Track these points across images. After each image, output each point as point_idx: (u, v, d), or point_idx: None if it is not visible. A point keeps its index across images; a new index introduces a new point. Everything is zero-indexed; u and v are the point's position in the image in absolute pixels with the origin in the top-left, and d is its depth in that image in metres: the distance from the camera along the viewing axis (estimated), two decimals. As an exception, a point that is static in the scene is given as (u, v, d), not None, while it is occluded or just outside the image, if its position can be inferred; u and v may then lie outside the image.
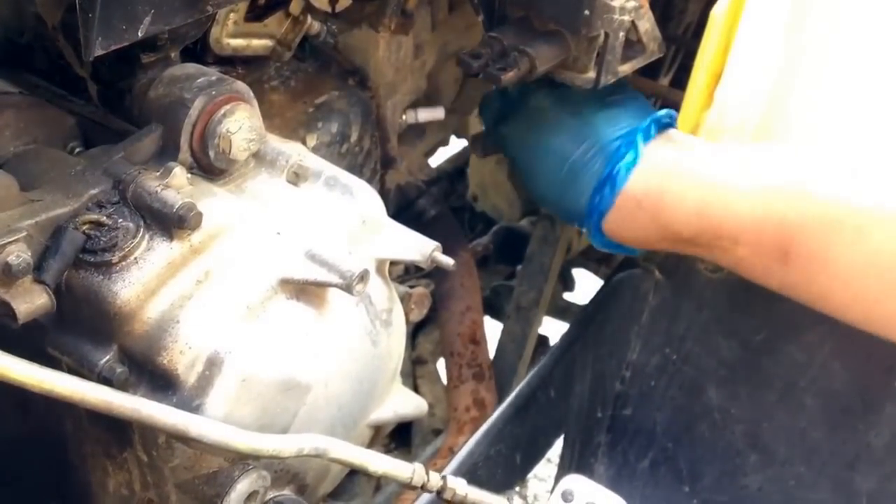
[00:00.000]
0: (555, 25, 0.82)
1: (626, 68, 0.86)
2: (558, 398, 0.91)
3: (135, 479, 0.67)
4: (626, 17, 0.82)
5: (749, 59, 0.87)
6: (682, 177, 0.84)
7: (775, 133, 0.87)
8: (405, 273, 1.16)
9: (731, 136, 0.88)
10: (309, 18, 0.82)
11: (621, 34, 0.83)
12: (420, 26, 0.95)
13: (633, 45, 0.87)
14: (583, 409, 0.96)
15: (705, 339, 0.91)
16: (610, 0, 0.80)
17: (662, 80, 1.39)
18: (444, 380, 1.27)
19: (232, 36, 0.78)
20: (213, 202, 0.64)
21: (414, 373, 1.37)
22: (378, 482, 1.21)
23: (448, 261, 0.73)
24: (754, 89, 0.88)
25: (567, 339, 0.89)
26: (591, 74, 0.85)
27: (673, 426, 0.96)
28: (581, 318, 0.91)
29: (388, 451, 1.28)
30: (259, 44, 0.81)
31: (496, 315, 1.42)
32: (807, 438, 0.87)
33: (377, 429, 0.83)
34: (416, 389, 1.33)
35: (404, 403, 0.83)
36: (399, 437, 1.31)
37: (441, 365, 1.35)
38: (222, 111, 0.67)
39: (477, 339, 1.08)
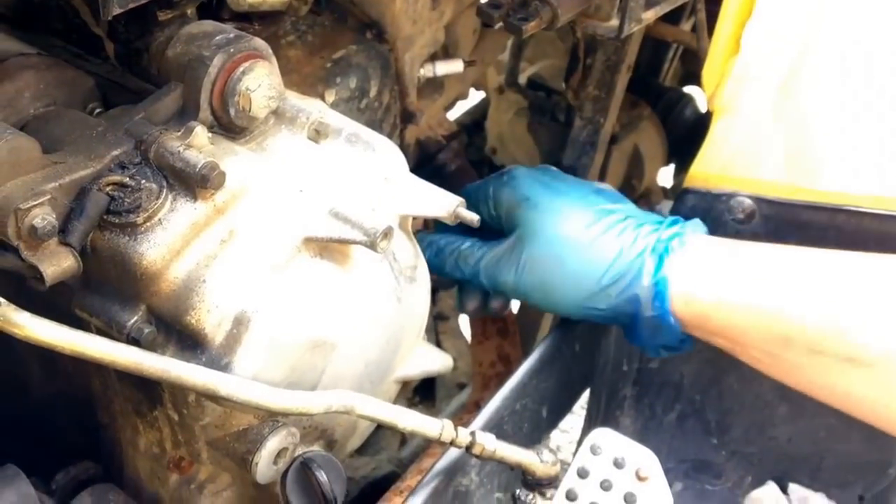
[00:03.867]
0: (579, -29, 0.80)
1: (649, 15, 0.84)
2: (584, 352, 0.91)
3: (166, 438, 0.68)
4: (649, -37, 0.80)
5: (778, 5, 0.85)
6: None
7: (803, 86, 0.85)
8: (425, 228, 1.16)
9: (758, 87, 0.86)
10: (326, -29, 0.81)
11: (646, -21, 0.81)
12: (437, -24, 0.93)
13: (658, -11, 0.85)
14: (608, 363, 0.96)
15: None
16: (631, -55, 0.78)
17: (684, 26, 1.36)
18: (467, 335, 1.28)
19: (249, -9, 0.77)
20: (235, 161, 0.64)
21: (436, 329, 1.37)
22: (403, 436, 1.22)
23: (472, 216, 0.73)
24: (783, 37, 0.85)
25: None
26: (615, 22, 0.83)
27: (700, 378, 0.96)
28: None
29: (412, 405, 1.29)
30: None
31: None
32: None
33: (402, 384, 0.83)
34: (438, 345, 1.33)
35: (429, 359, 0.83)
36: (423, 392, 1.31)
37: (463, 320, 1.36)
38: (241, 69, 0.66)
39: (500, 294, 1.07)
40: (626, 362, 0.98)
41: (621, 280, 0.79)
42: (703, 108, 1.45)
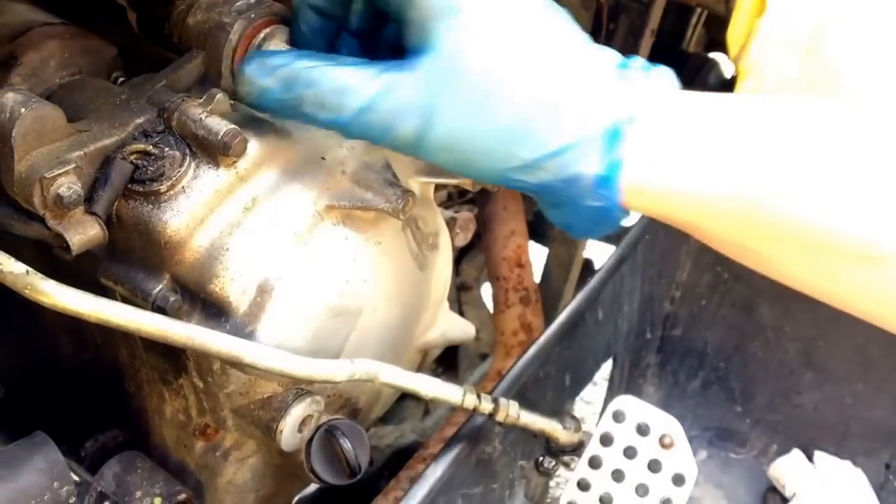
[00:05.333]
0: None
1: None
2: (607, 320, 0.91)
3: (191, 405, 0.68)
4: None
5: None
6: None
7: (830, 45, 0.83)
8: (448, 199, 1.15)
9: (784, 47, 0.84)
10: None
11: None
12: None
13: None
14: (632, 331, 0.95)
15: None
16: None
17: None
18: (489, 305, 1.28)
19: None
20: (257, 128, 0.63)
21: (459, 298, 1.38)
22: (427, 406, 1.22)
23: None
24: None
25: (615, 260, 0.87)
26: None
27: (724, 346, 0.95)
28: (629, 239, 0.89)
29: (435, 375, 1.29)
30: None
31: (540, 239, 1.41)
32: (864, 355, 0.86)
33: (425, 353, 0.83)
34: (461, 315, 1.33)
35: (452, 327, 0.83)
36: (446, 362, 1.32)
37: (485, 290, 1.36)
38: (262, 34, 0.65)
39: (522, 263, 1.07)
40: (649, 330, 0.97)
41: (563, 154, 0.57)
42: (727, 75, 1.43)
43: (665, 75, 0.60)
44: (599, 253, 1.27)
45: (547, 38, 0.58)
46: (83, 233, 0.58)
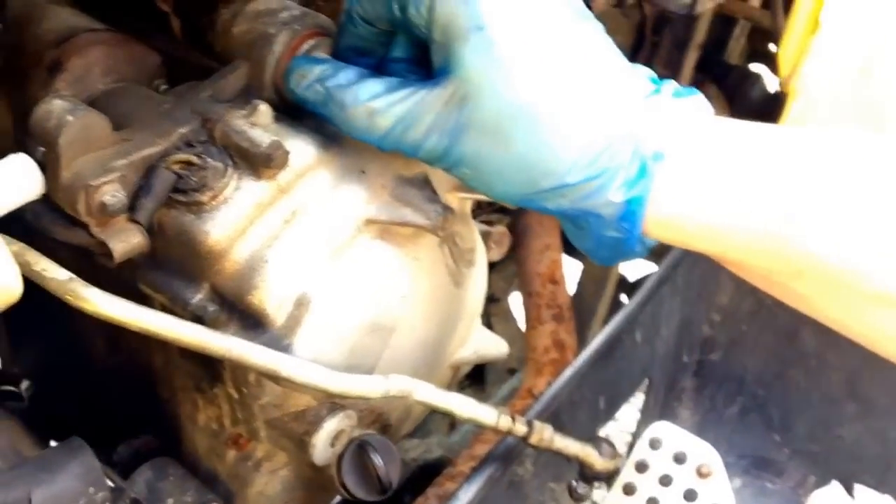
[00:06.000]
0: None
1: (723, -7, 0.82)
2: (644, 342, 0.89)
3: (225, 415, 0.68)
4: (729, -59, 0.77)
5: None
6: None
7: (884, 66, 0.82)
8: (478, 207, 1.14)
9: (838, 67, 0.82)
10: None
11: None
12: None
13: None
14: (668, 354, 0.94)
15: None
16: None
17: (752, 1, 1.32)
18: (518, 318, 1.27)
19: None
20: (299, 140, 0.63)
21: (487, 311, 1.37)
22: (453, 420, 1.21)
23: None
24: (866, 13, 0.81)
25: (655, 281, 0.86)
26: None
27: (765, 372, 0.94)
28: (670, 260, 0.88)
29: (461, 390, 1.28)
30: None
31: (574, 254, 1.40)
32: (910, 388, 0.84)
33: (457, 369, 0.83)
34: (489, 327, 1.32)
35: (485, 345, 0.83)
36: (472, 376, 1.31)
37: (513, 300, 1.35)
38: (306, 46, 0.65)
39: (556, 279, 1.06)
40: (686, 353, 0.96)
41: (585, 185, 0.55)
42: (771, 88, 1.41)
43: (697, 103, 0.58)
44: (635, 269, 1.26)
45: (573, 60, 0.56)
46: (126, 241, 0.58)
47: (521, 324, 1.31)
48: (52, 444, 0.92)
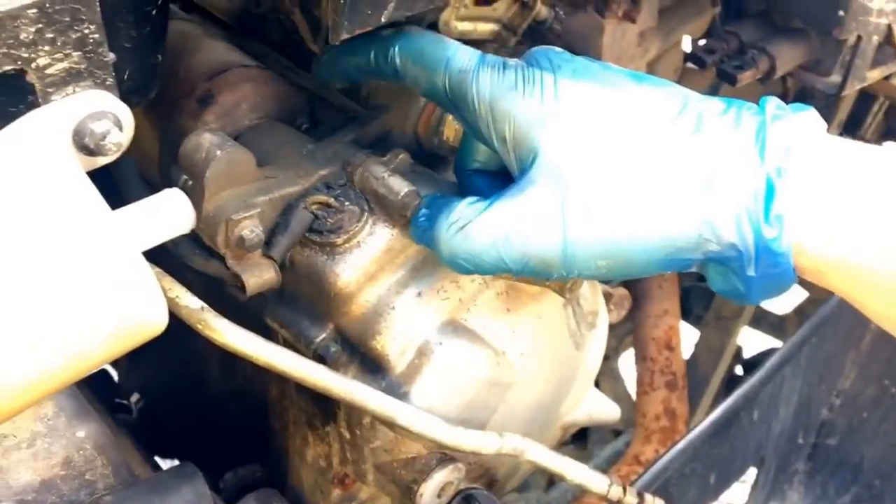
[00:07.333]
0: (800, 23, 0.76)
1: (875, 74, 0.79)
2: (761, 421, 0.86)
3: (334, 453, 0.68)
4: (884, 21, 0.75)
5: None
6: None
7: None
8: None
9: None
10: (538, 3, 0.80)
11: (875, 38, 0.76)
12: (646, 12, 0.91)
13: (882, 48, 0.79)
14: (784, 434, 0.90)
15: (933, 373, 0.83)
16: (868, 1, 0.73)
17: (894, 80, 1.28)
18: (625, 378, 1.24)
19: (461, 19, 0.78)
20: (435, 190, 0.63)
21: (594, 367, 1.34)
22: (551, 478, 1.19)
23: None
24: None
25: (778, 360, 0.83)
26: (836, 78, 0.78)
27: (883, 462, 0.89)
28: (795, 340, 0.85)
29: (563, 445, 1.26)
30: (486, 28, 0.80)
31: (685, 317, 1.37)
32: None
33: (566, 429, 0.81)
34: (596, 386, 1.30)
35: (598, 408, 0.81)
36: (576, 435, 1.28)
37: (624, 362, 1.32)
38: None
39: (672, 346, 1.03)
40: (802, 435, 0.92)
41: (714, 231, 0.51)
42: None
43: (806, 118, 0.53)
44: (751, 341, 1.21)
45: (644, 126, 0.53)
46: (259, 275, 0.59)
47: (629, 384, 1.28)
48: (157, 459, 0.95)
